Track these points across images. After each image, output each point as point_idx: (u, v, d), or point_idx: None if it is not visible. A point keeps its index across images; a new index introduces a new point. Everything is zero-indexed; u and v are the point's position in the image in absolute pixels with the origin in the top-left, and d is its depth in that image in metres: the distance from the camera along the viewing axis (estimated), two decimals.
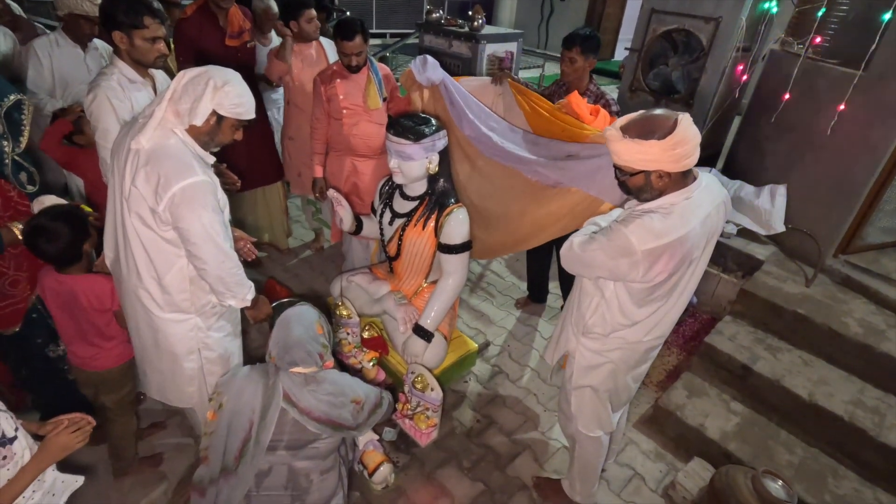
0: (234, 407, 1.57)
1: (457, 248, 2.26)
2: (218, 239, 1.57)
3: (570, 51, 2.48)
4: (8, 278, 1.88)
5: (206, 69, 1.51)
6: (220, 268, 1.60)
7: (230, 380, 1.64)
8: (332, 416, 1.60)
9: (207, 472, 1.61)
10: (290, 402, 1.56)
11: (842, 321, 2.43)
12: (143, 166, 1.46)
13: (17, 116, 1.87)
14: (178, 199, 1.47)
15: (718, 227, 1.51)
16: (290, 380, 1.60)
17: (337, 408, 1.62)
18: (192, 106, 1.48)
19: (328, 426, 1.60)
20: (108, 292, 1.77)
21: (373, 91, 2.64)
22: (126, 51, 1.92)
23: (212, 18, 2.82)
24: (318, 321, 1.74)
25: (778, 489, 1.82)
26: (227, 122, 1.56)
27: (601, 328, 1.64)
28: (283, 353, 1.64)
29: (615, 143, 1.38)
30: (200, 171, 1.52)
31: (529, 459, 2.31)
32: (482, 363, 2.82)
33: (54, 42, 2.58)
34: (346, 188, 2.86)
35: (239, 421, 1.56)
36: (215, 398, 1.63)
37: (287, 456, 1.58)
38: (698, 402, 2.42)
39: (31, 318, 1.99)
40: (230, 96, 1.50)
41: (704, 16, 3.04)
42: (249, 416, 1.55)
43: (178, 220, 1.51)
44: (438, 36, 4.33)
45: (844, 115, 2.45)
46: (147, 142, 1.47)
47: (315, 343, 1.67)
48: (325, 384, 1.64)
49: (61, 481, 1.36)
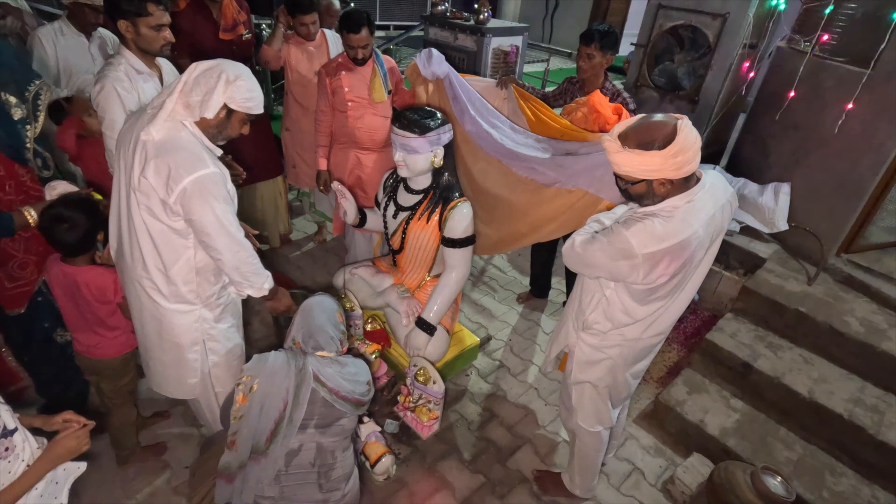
0: (267, 388, 1.59)
1: (460, 243, 2.27)
2: (231, 229, 1.58)
3: (588, 46, 2.42)
4: (17, 261, 1.91)
5: (218, 62, 1.51)
6: (235, 258, 1.62)
7: (259, 364, 1.65)
8: (356, 395, 1.68)
9: (235, 458, 1.61)
10: (319, 382, 1.61)
11: (843, 320, 2.44)
12: (154, 158, 1.46)
13: (35, 102, 1.90)
14: (190, 191, 1.48)
15: (723, 227, 1.50)
16: (318, 362, 1.66)
17: (359, 386, 1.71)
18: (203, 98, 1.48)
19: (352, 404, 1.67)
20: (110, 285, 1.77)
21: (378, 84, 2.64)
22: (132, 40, 1.92)
23: (205, 11, 2.81)
24: (338, 310, 1.84)
25: (777, 485, 1.83)
26: (236, 116, 1.57)
27: (601, 325, 1.65)
28: (308, 339, 1.72)
29: (614, 155, 1.35)
30: (211, 162, 1.53)
31: (530, 453, 2.32)
32: (484, 357, 2.84)
33: (58, 31, 2.57)
34: (349, 181, 2.86)
35: (272, 402, 1.58)
36: (244, 382, 1.63)
37: (317, 434, 1.64)
38: (698, 398, 2.43)
39: (37, 301, 2.01)
40: (241, 90, 1.50)
41: (712, 12, 3.03)
42: (283, 396, 1.58)
43: (190, 213, 1.51)
44: (443, 29, 4.31)
45: (851, 113, 2.44)
46: (157, 133, 1.47)
47: (336, 329, 1.77)
48: (349, 366, 1.72)
49: (63, 469, 1.37)
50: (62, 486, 1.37)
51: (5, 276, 1.91)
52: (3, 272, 1.91)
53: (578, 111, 2.38)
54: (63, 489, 1.38)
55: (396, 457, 2.19)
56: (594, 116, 2.28)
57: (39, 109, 1.91)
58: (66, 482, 1.39)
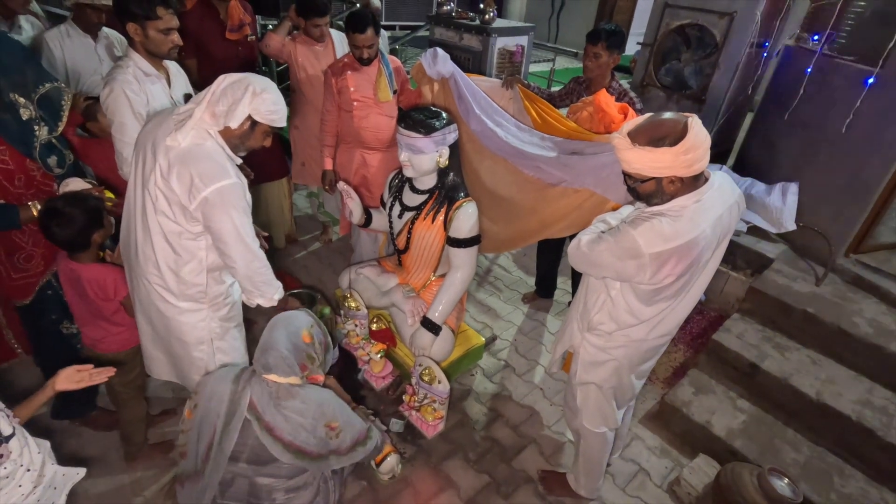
0: (204, 410, 1.55)
1: (465, 242, 2.27)
2: (247, 240, 1.61)
3: (595, 45, 2.41)
4: (24, 252, 1.96)
5: (246, 75, 1.55)
6: (248, 267, 1.65)
7: (204, 381, 1.61)
8: (296, 441, 1.51)
9: (186, 467, 1.62)
10: (255, 413, 1.49)
11: (852, 321, 2.42)
12: (178, 164, 1.50)
13: (57, 102, 1.92)
14: (212, 201, 1.51)
15: (731, 228, 1.49)
16: (261, 388, 1.52)
17: (304, 430, 1.52)
18: (229, 108, 1.51)
19: (289, 451, 1.50)
20: (111, 283, 1.79)
21: (383, 83, 2.64)
22: (140, 42, 1.93)
23: (212, 12, 2.83)
24: (307, 329, 1.62)
25: (784, 487, 1.82)
26: (259, 128, 1.60)
27: (606, 325, 1.64)
28: (260, 355, 1.57)
29: (625, 152, 1.35)
30: (233, 173, 1.56)
31: (535, 453, 2.32)
32: (489, 357, 2.84)
33: (65, 33, 2.59)
34: (355, 180, 2.87)
35: (206, 425, 1.54)
36: (193, 397, 1.62)
37: (248, 469, 1.54)
38: (705, 399, 2.42)
39: (47, 294, 2.06)
40: (267, 103, 1.53)
41: (719, 11, 3.01)
42: (214, 420, 1.52)
43: (209, 220, 1.55)
44: (449, 29, 4.31)
45: (860, 112, 2.42)
46: (183, 140, 1.50)
47: (297, 351, 1.57)
48: (296, 400, 1.53)
49: (62, 474, 1.38)
50: (60, 492, 1.37)
51: (11, 266, 1.96)
52: (10, 263, 1.95)
53: (584, 110, 2.37)
54: (62, 494, 1.38)
55: (402, 456, 2.20)
56: (600, 116, 2.27)
57: (63, 110, 1.93)
58: (65, 487, 1.39)
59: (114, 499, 2.02)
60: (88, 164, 2.43)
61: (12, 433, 1.25)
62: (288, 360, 1.53)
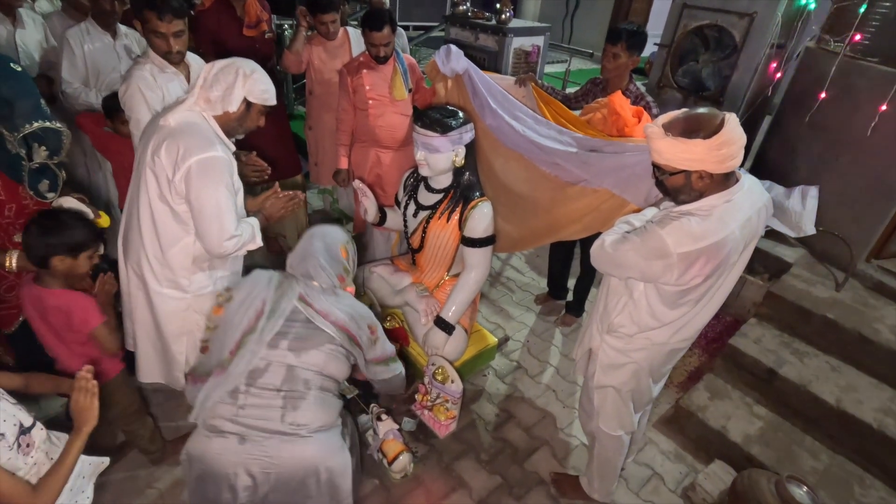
0: (245, 298, 1.52)
1: (480, 242, 2.26)
2: (224, 217, 1.61)
3: (614, 46, 2.37)
4: (7, 283, 1.87)
5: (232, 60, 1.61)
6: (219, 247, 1.65)
7: (243, 280, 1.61)
8: (350, 327, 1.56)
9: (204, 364, 1.56)
10: (305, 302, 1.51)
11: (873, 327, 2.37)
12: (167, 138, 1.54)
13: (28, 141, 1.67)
14: (195, 170, 1.54)
15: (758, 231, 1.46)
16: (307, 286, 1.56)
17: (355, 322, 1.59)
18: (224, 94, 1.58)
19: (344, 334, 1.55)
20: (78, 311, 1.60)
21: (398, 82, 2.65)
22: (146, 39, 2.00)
23: (229, 9, 2.85)
24: (343, 244, 1.71)
25: (802, 495, 1.78)
26: (255, 108, 1.67)
27: (627, 328, 1.62)
28: (298, 263, 1.62)
29: (657, 141, 1.33)
30: (221, 149, 1.59)
31: (548, 455, 2.30)
32: (501, 358, 2.82)
33: (85, 31, 2.63)
34: (370, 179, 2.87)
35: (246, 311, 1.49)
36: (224, 295, 1.57)
37: (289, 355, 1.50)
38: (720, 404, 2.38)
39: None
40: (259, 83, 1.61)
41: (738, 11, 2.97)
42: (259, 306, 1.49)
43: (189, 192, 1.57)
44: (465, 29, 4.31)
45: (884, 115, 2.38)
46: (174, 120, 1.56)
47: (335, 263, 1.64)
48: (346, 298, 1.62)
49: (88, 464, 1.40)
50: (88, 481, 1.40)
51: None
52: None
53: (598, 112, 2.34)
54: (89, 483, 1.41)
55: (414, 455, 2.19)
56: (613, 119, 2.23)
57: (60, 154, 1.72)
58: (92, 476, 1.42)
59: (131, 486, 2.04)
60: (108, 157, 2.47)
61: (33, 424, 1.27)
62: (325, 268, 1.61)
